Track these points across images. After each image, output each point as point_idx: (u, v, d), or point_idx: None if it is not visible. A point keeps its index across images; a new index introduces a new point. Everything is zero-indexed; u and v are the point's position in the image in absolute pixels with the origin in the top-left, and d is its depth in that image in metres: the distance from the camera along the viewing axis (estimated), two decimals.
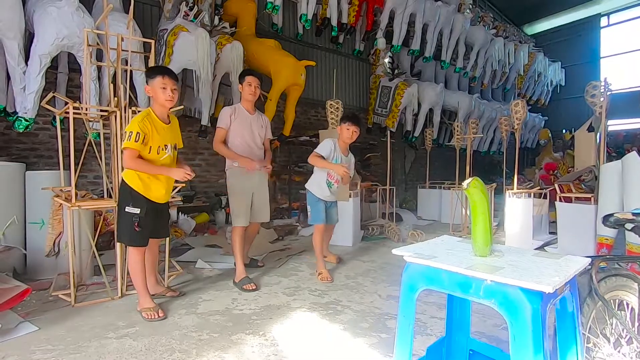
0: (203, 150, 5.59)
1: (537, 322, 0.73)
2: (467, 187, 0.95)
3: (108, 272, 2.85)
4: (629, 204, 2.88)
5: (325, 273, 3.02)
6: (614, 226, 1.31)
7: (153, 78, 2.19)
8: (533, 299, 0.75)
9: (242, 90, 2.98)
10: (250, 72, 3.04)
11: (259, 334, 2.02)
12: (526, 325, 0.74)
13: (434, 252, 1.01)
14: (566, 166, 7.25)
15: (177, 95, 2.27)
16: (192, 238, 4.36)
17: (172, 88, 2.21)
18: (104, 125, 2.96)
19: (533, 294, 0.75)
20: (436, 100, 7.64)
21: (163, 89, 2.18)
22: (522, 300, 0.75)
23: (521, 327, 0.75)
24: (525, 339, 0.74)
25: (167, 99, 2.19)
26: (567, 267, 0.87)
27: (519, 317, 0.75)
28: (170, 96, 2.20)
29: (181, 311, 2.34)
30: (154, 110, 2.25)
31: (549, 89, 11.65)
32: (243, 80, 2.97)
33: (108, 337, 1.98)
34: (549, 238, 4.47)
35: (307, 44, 6.98)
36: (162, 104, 2.23)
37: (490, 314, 2.21)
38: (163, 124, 2.26)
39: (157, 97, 2.20)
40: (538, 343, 0.73)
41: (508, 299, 0.78)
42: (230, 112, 2.94)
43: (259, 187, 3.06)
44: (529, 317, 0.74)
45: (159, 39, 4.32)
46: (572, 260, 0.94)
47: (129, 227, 2.19)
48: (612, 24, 12.02)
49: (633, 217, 1.28)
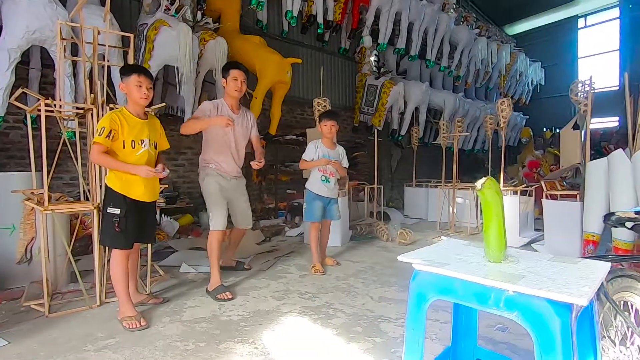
0: (186, 149, 5.42)
1: (567, 337, 0.67)
2: (482, 187, 0.88)
3: (86, 279, 2.69)
4: (614, 200, 2.91)
5: (319, 266, 3.15)
6: (615, 225, 1.28)
7: (128, 76, 2.15)
8: (562, 312, 0.69)
9: (227, 86, 2.73)
10: (236, 65, 2.79)
11: (249, 342, 1.92)
12: (554, 340, 0.68)
13: (443, 259, 0.94)
14: (548, 164, 7.40)
15: (152, 94, 2.23)
16: (176, 241, 4.21)
17: (148, 86, 2.18)
18: (80, 124, 2.79)
19: (562, 306, 0.70)
20: (422, 99, 7.66)
21: (138, 87, 2.14)
22: (550, 313, 0.69)
23: (549, 342, 0.69)
24: (553, 355, 0.68)
25: (142, 96, 2.15)
26: (591, 273, 0.81)
27: (547, 331, 0.69)
28: (146, 94, 2.16)
29: (165, 319, 2.21)
30: (128, 108, 2.19)
31: (530, 88, 11.89)
32: (227, 74, 2.72)
33: (86, 349, 1.85)
34: (535, 235, 4.53)
35: (293, 42, 6.87)
36: (136, 102, 2.18)
37: (483, 314, 2.16)
38: (137, 119, 2.19)
39: (132, 95, 2.16)
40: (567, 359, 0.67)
41: (534, 312, 0.71)
42: (210, 107, 2.68)
43: (235, 192, 2.85)
44: (558, 332, 0.68)
45: (138, 34, 4.13)
46: (592, 265, 0.89)
47: (110, 229, 2.10)
48: (589, 25, 12.37)
49: (635, 216, 1.25)
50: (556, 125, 9.95)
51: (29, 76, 4.02)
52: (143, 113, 2.25)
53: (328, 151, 3.24)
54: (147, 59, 3.96)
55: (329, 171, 3.23)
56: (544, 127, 10.89)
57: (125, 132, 2.11)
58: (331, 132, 3.21)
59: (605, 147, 8.44)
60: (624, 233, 2.82)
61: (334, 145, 3.32)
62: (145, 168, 2.08)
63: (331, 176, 3.24)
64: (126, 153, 2.12)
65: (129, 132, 2.12)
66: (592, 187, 3.21)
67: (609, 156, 3.03)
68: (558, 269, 0.86)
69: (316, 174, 3.24)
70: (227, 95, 2.78)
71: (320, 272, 3.11)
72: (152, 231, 2.40)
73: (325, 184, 3.23)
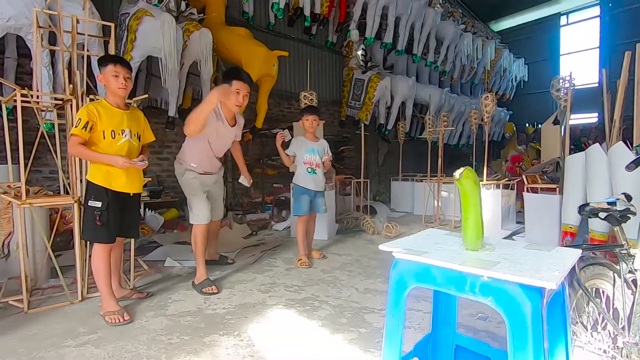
0: (171, 143, 5.32)
1: (538, 320, 0.70)
2: (459, 177, 0.90)
3: (67, 274, 2.64)
4: (591, 193, 3.01)
5: (305, 259, 3.18)
6: (589, 215, 1.33)
7: (105, 66, 2.12)
8: (533, 296, 0.72)
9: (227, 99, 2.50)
10: (240, 76, 2.51)
11: (234, 335, 1.93)
12: (526, 323, 0.71)
13: (423, 247, 0.96)
14: (530, 158, 7.58)
15: (131, 84, 2.20)
16: (161, 235, 4.16)
17: (125, 76, 2.14)
18: (59, 115, 2.72)
19: (533, 290, 0.72)
20: (409, 94, 7.71)
21: (115, 77, 2.11)
22: (522, 297, 0.72)
23: (521, 325, 0.72)
24: (525, 338, 0.71)
25: (119, 87, 2.12)
26: (562, 259, 0.84)
27: (518, 314, 0.72)
28: (123, 84, 2.13)
29: (149, 313, 2.19)
30: (107, 100, 2.16)
31: (514, 84, 12.09)
32: (230, 83, 2.46)
33: (67, 345, 1.82)
34: (517, 227, 4.64)
35: (279, 34, 6.80)
36: (114, 92, 2.14)
37: (464, 303, 2.22)
38: (117, 109, 2.16)
39: (110, 85, 2.13)
40: (538, 341, 0.70)
41: (507, 296, 0.74)
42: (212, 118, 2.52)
43: (213, 185, 2.85)
44: (529, 315, 0.71)
45: (120, 24, 4.03)
46: (564, 252, 0.93)
47: (91, 223, 2.06)
48: (570, 23, 12.63)
49: (608, 207, 1.30)
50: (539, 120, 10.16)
51: (5, 66, 3.88)
52: (123, 104, 2.21)
53: (312, 145, 3.28)
54: (129, 49, 3.87)
55: (314, 162, 3.26)
56: (526, 122, 11.10)
57: (105, 123, 2.07)
58: (313, 126, 3.25)
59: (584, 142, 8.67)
60: (599, 224, 2.92)
61: (317, 138, 3.37)
62: (121, 159, 2.04)
63: (317, 167, 3.27)
64: (107, 143, 2.09)
65: (108, 122, 2.09)
66: (570, 181, 3.31)
67: (587, 150, 3.12)
68: (531, 255, 0.89)
69: (302, 166, 3.26)
70: (225, 107, 2.57)
71: (307, 265, 3.13)
72: (135, 225, 2.36)
73: (311, 176, 3.25)
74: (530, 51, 12.55)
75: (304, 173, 3.26)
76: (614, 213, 1.29)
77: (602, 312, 1.20)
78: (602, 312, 1.20)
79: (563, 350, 0.92)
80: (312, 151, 3.26)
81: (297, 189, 3.30)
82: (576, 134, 9.69)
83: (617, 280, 1.25)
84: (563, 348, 0.93)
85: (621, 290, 1.22)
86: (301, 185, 3.26)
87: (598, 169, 2.94)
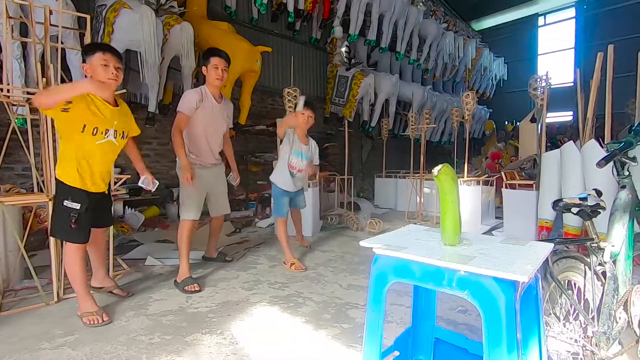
0: (151, 139, 5.22)
1: (511, 313, 0.73)
2: (438, 174, 0.92)
3: (42, 275, 2.56)
4: (566, 189, 3.12)
5: (297, 263, 3.00)
6: (562, 210, 1.38)
7: (92, 55, 1.92)
8: (507, 289, 0.74)
9: (207, 74, 2.65)
10: (217, 53, 2.68)
11: (217, 333, 1.91)
12: (500, 316, 0.73)
13: (403, 243, 0.98)
14: (509, 155, 7.78)
15: (122, 76, 2.04)
16: (141, 234, 4.07)
17: (116, 66, 1.96)
18: (31, 110, 2.61)
19: (507, 283, 0.75)
20: (392, 91, 7.77)
21: (104, 67, 1.92)
22: (496, 290, 0.74)
23: (495, 317, 0.74)
24: (499, 329, 0.73)
25: (109, 77, 1.93)
26: (535, 253, 0.88)
27: (493, 307, 0.74)
28: (114, 74, 1.94)
29: (129, 313, 2.15)
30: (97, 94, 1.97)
31: (494, 83, 12.37)
32: (207, 62, 2.63)
33: (42, 347, 1.76)
34: (496, 223, 4.77)
35: (263, 30, 6.73)
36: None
37: (446, 297, 2.27)
38: (107, 105, 1.99)
39: (98, 76, 1.92)
40: (511, 334, 0.73)
41: (482, 290, 0.76)
42: (197, 97, 2.58)
43: (216, 180, 2.86)
44: (502, 308, 0.73)
45: (96, 15, 3.90)
46: (537, 246, 0.96)
47: (65, 222, 1.96)
48: (548, 23, 12.99)
49: (580, 202, 1.35)
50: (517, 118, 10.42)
51: None
52: (113, 99, 2.04)
53: (301, 147, 3.11)
54: (107, 42, 3.74)
55: (298, 167, 3.11)
56: (506, 120, 11.39)
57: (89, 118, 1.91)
58: (307, 122, 3.09)
59: (560, 140, 8.96)
60: (573, 219, 3.04)
61: (307, 139, 3.21)
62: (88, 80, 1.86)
63: (299, 172, 3.13)
64: (84, 137, 1.93)
65: (91, 118, 1.93)
66: (546, 177, 3.42)
67: (562, 147, 3.23)
68: (506, 250, 0.92)
69: (284, 167, 3.10)
70: (209, 84, 2.70)
71: (302, 269, 2.95)
72: (108, 214, 2.30)
73: (292, 179, 3.11)
74: (509, 50, 12.85)
75: (285, 174, 3.10)
76: (585, 208, 1.35)
77: (573, 304, 1.25)
78: (573, 304, 1.25)
79: (536, 341, 0.96)
80: (299, 155, 3.09)
81: (276, 190, 3.16)
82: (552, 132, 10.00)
83: (588, 272, 1.31)
84: (536, 338, 0.97)
85: (591, 282, 1.27)
86: (280, 187, 3.12)
87: (572, 165, 3.05)
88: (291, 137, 3.07)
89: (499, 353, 0.75)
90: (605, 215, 1.43)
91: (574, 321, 1.30)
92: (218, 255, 3.18)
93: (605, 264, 1.26)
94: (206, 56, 2.68)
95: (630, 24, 10.28)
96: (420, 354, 1.26)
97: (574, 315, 1.30)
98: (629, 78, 3.27)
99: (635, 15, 10.28)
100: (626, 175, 1.46)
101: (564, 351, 1.24)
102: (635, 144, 1.55)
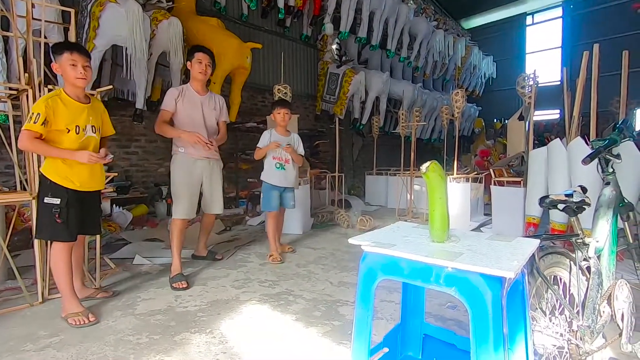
0: (139, 136, 5.13)
1: (498, 308, 0.73)
2: (426, 170, 0.92)
3: (26, 275, 2.51)
4: (552, 186, 3.17)
5: (276, 255, 3.15)
6: (549, 206, 1.40)
7: (60, 54, 1.96)
8: (494, 285, 0.75)
9: (191, 69, 2.76)
10: (201, 49, 2.80)
11: (206, 332, 1.89)
12: (487, 311, 0.74)
13: (391, 240, 0.98)
14: (497, 152, 7.87)
15: (91, 73, 2.07)
16: (129, 232, 4.01)
17: (84, 65, 1.99)
18: (13, 107, 2.54)
19: (494, 280, 0.75)
20: (383, 89, 7.79)
21: (72, 66, 1.96)
22: (483, 286, 0.75)
23: (482, 313, 0.74)
24: (486, 325, 0.74)
25: (78, 76, 1.97)
26: (521, 249, 0.88)
27: (480, 303, 0.75)
28: (82, 74, 1.98)
29: (116, 313, 2.12)
30: (66, 91, 2.01)
31: (483, 81, 12.49)
32: (192, 57, 2.75)
33: (26, 349, 1.72)
34: (484, 219, 4.83)
35: (253, 26, 6.67)
36: (72, 83, 1.99)
37: (435, 293, 2.28)
38: (78, 102, 2.02)
39: (67, 75, 1.98)
40: (498, 329, 0.73)
41: (469, 286, 0.76)
42: (176, 93, 2.71)
43: (210, 175, 2.85)
44: (489, 304, 0.74)
45: (81, 10, 3.81)
46: (524, 242, 0.97)
47: (49, 220, 1.94)
48: (535, 22, 13.16)
49: (565, 198, 1.37)
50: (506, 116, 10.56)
51: None
52: (84, 96, 2.08)
53: (281, 138, 3.20)
54: (92, 37, 3.67)
55: (284, 158, 3.18)
56: (494, 118, 11.52)
57: (68, 118, 1.94)
58: (285, 119, 3.19)
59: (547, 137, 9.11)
60: (559, 215, 3.09)
61: (288, 133, 3.30)
62: (87, 153, 1.94)
63: (286, 163, 3.20)
64: (71, 139, 1.96)
65: (71, 117, 1.95)
66: (533, 174, 3.47)
67: (548, 145, 3.28)
68: (494, 246, 0.93)
69: (270, 161, 3.19)
70: (193, 78, 2.80)
71: (278, 261, 3.10)
72: (96, 222, 2.25)
73: (279, 171, 3.18)
74: (498, 49, 12.98)
75: (272, 169, 3.18)
76: (571, 204, 1.37)
77: (559, 298, 1.27)
78: (559, 298, 1.27)
79: (522, 335, 0.97)
80: (282, 145, 3.18)
81: (265, 185, 3.23)
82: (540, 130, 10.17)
83: (573, 267, 1.33)
84: (522, 333, 0.98)
85: (576, 277, 1.29)
86: (269, 182, 3.20)
87: (558, 162, 3.10)
88: (269, 137, 3.20)
89: (485, 348, 0.75)
90: (590, 211, 1.45)
91: (559, 316, 1.32)
92: (208, 253, 3.15)
93: (590, 259, 1.28)
94: (191, 52, 2.80)
95: (616, 24, 10.47)
96: (409, 350, 1.26)
97: (559, 310, 1.33)
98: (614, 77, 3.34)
99: (621, 15, 10.48)
100: (610, 172, 1.49)
101: (550, 345, 1.26)
102: (620, 142, 1.59)
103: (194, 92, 2.79)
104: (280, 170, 3.18)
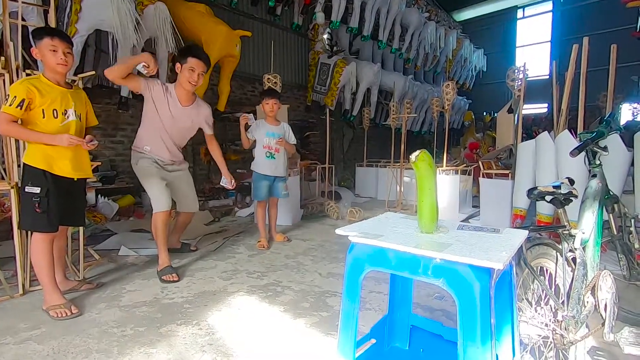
0: (125, 125, 5.01)
1: (486, 299, 0.73)
2: (415, 159, 0.90)
3: (6, 267, 2.44)
4: (540, 178, 3.21)
5: (263, 241, 3.21)
6: (537, 198, 1.40)
7: (40, 39, 1.90)
8: (482, 276, 0.74)
9: (180, 73, 2.42)
10: (197, 54, 2.41)
11: (192, 324, 1.87)
12: (475, 303, 0.73)
13: (379, 231, 0.96)
14: (486, 145, 7.94)
15: (72, 59, 1.99)
16: (115, 223, 3.94)
17: (65, 51, 1.93)
18: None
19: (482, 271, 0.74)
20: (374, 80, 7.75)
21: (53, 52, 1.89)
22: (471, 277, 0.74)
23: (470, 304, 0.74)
24: (473, 316, 0.73)
25: (58, 62, 1.91)
26: (510, 240, 0.88)
27: (468, 294, 0.74)
28: (63, 59, 1.92)
29: (100, 305, 2.07)
30: (46, 76, 1.95)
31: (473, 74, 12.54)
32: (184, 61, 2.37)
33: (5, 342, 1.67)
34: (473, 211, 4.88)
35: (242, 13, 6.53)
36: (53, 69, 1.93)
37: (423, 284, 2.30)
38: (58, 87, 1.96)
39: (47, 61, 1.92)
40: (486, 320, 0.73)
41: (457, 277, 0.76)
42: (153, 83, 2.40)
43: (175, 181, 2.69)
44: (477, 295, 0.73)
45: None
46: (512, 233, 0.97)
47: (29, 210, 1.88)
48: (526, 16, 13.22)
49: (553, 190, 1.37)
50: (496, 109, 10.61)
51: None
52: (64, 82, 2.02)
53: (273, 128, 3.21)
54: (74, 20, 3.54)
55: (274, 147, 3.20)
56: (484, 111, 11.60)
57: (45, 100, 1.88)
58: (273, 109, 3.18)
59: (535, 131, 9.21)
60: (545, 207, 3.13)
61: (278, 122, 3.29)
62: (66, 136, 1.87)
63: (276, 152, 3.21)
64: (47, 123, 1.89)
65: (48, 100, 1.89)
66: (521, 167, 3.50)
67: (537, 138, 3.30)
68: (482, 237, 0.92)
69: (260, 150, 3.20)
70: (179, 85, 2.46)
71: (263, 248, 3.15)
72: (80, 213, 2.19)
73: (269, 161, 3.19)
74: (489, 42, 13.03)
75: (262, 158, 3.20)
76: (558, 196, 1.37)
77: (545, 289, 1.28)
78: (545, 289, 1.28)
79: (509, 325, 0.98)
80: (272, 135, 3.20)
81: (256, 175, 3.26)
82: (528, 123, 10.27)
83: (560, 258, 1.34)
84: (509, 323, 0.98)
85: (562, 268, 1.30)
86: (259, 172, 3.22)
87: (546, 155, 3.13)
88: (256, 127, 3.20)
89: (473, 339, 0.75)
90: (576, 203, 1.46)
91: (545, 306, 1.33)
92: (182, 245, 3.09)
93: (576, 251, 1.29)
94: (184, 54, 2.43)
95: (604, 19, 10.58)
96: (397, 342, 1.26)
97: (545, 300, 1.34)
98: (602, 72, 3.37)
99: (609, 10, 10.58)
100: (597, 165, 1.49)
101: (535, 335, 1.28)
102: (607, 134, 1.59)
103: (176, 99, 2.47)
104: (270, 160, 3.19)
